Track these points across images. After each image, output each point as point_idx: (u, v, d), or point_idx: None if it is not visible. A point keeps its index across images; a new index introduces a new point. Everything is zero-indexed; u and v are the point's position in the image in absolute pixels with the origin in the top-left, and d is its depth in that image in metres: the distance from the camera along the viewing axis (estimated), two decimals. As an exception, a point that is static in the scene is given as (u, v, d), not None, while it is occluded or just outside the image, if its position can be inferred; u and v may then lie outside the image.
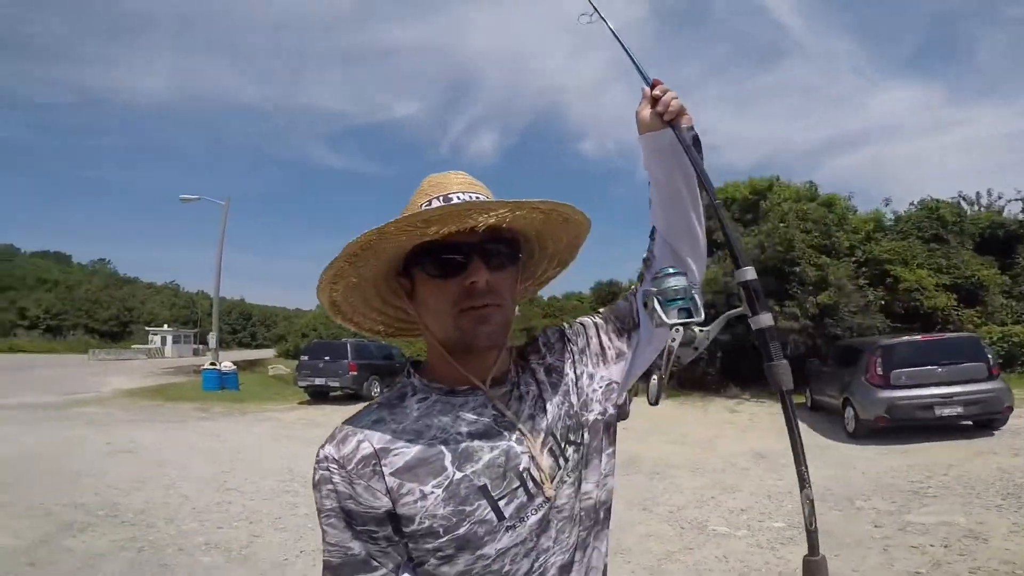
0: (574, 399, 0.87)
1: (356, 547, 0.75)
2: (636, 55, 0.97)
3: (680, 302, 0.78)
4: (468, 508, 0.74)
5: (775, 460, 6.92)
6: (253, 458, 7.58)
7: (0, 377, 18.98)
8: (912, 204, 16.75)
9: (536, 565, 0.77)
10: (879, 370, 7.79)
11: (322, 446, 0.77)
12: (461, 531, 0.74)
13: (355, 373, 14.26)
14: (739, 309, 0.83)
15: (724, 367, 13.79)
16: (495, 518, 0.75)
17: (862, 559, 3.78)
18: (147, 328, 47.80)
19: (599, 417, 0.88)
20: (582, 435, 0.85)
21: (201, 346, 41.61)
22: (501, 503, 0.76)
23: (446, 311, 0.78)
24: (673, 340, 0.79)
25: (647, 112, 0.89)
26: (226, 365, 17.62)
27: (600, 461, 0.87)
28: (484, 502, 0.75)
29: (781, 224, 13.42)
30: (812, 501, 0.79)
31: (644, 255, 0.97)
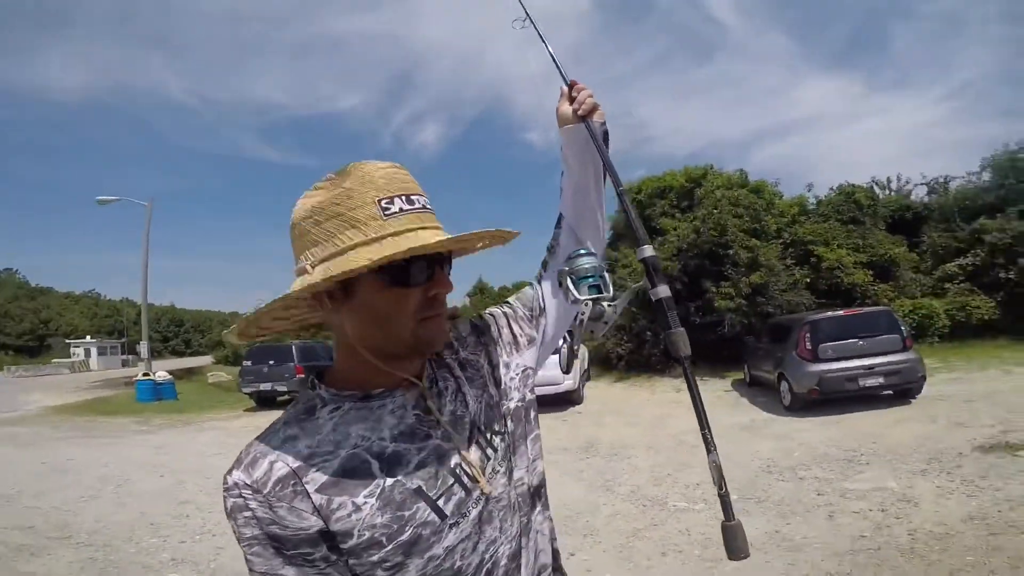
0: (493, 390, 0.89)
1: (291, 573, 0.71)
2: (561, 57, 1.08)
3: (591, 279, 0.85)
4: (407, 513, 0.73)
5: (722, 434, 7.27)
6: (202, 468, 7.32)
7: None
8: (832, 189, 17.99)
9: (487, 557, 0.79)
10: (808, 344, 8.33)
11: (229, 472, 0.72)
12: (405, 536, 0.73)
13: (302, 376, 13.91)
14: (640, 284, 0.89)
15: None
16: (437, 518, 0.75)
17: (811, 525, 4.09)
18: (67, 340, 44.47)
19: (520, 404, 0.91)
20: (505, 423, 0.88)
21: (131, 356, 39.11)
22: (440, 502, 0.76)
23: (405, 319, 0.75)
24: (582, 314, 0.86)
25: (565, 108, 0.98)
26: (161, 375, 16.83)
27: (526, 446, 0.90)
28: (422, 504, 0.74)
29: (715, 210, 14.09)
30: (719, 466, 0.83)
31: (549, 243, 1.04)
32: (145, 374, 16.76)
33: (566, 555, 3.93)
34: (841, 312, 8.96)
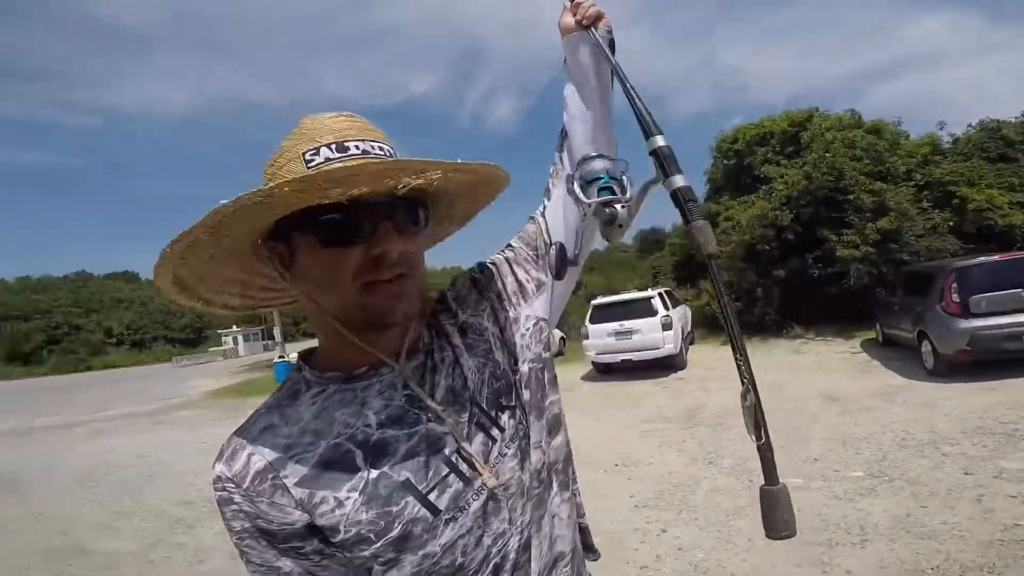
0: (500, 356, 0.78)
1: (286, 565, 0.67)
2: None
3: (601, 181, 0.74)
4: (395, 508, 0.66)
5: (849, 403, 6.67)
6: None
7: (99, 391, 20.71)
8: (970, 126, 15.51)
9: (494, 551, 0.70)
10: (955, 296, 7.13)
11: (214, 463, 0.67)
12: (395, 533, 0.66)
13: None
14: (654, 177, 0.76)
15: (783, 307, 13.33)
16: (429, 514, 0.66)
17: (953, 511, 3.56)
18: (219, 332, 50.68)
19: (532, 366, 0.80)
20: (517, 395, 0.76)
21: (269, 341, 43.71)
22: (431, 496, 0.67)
23: (344, 286, 0.64)
24: (584, 215, 0.75)
25: (567, 18, 0.88)
26: (292, 356, 18.58)
27: (541, 418, 0.79)
28: (411, 499, 0.66)
29: (827, 154, 12.65)
30: (756, 406, 0.67)
31: (550, 168, 0.91)
32: (280, 356, 18.61)
33: (657, 530, 3.85)
34: (996, 257, 7.51)
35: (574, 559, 0.82)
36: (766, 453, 0.70)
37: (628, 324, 10.52)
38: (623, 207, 0.73)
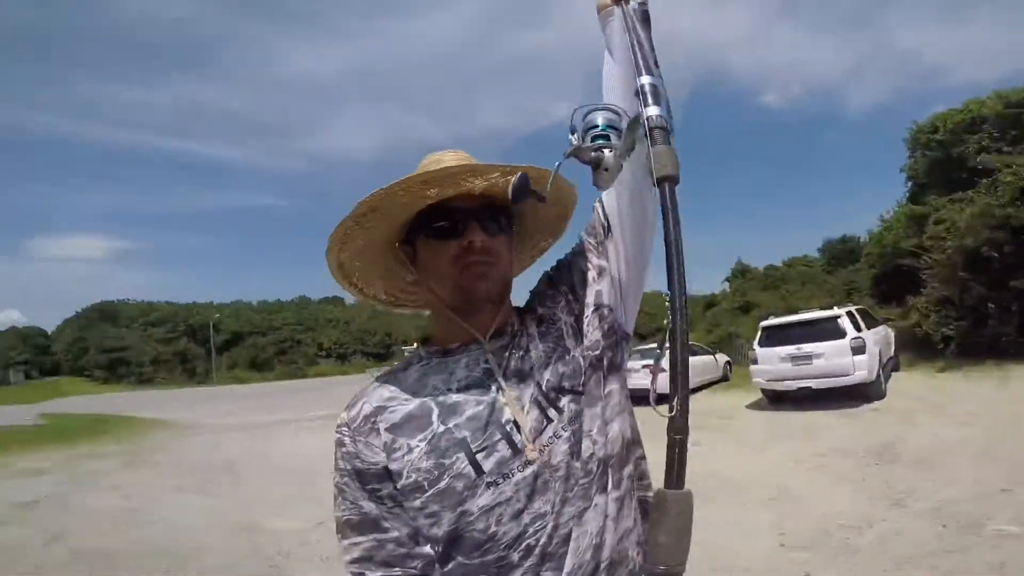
0: (571, 343, 0.84)
1: (368, 506, 0.77)
2: None
3: (597, 130, 0.74)
4: (447, 461, 0.74)
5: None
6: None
7: (310, 395, 24.18)
8: None
9: (529, 532, 0.71)
10: None
11: (341, 413, 0.83)
12: (441, 485, 0.73)
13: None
14: (635, 115, 0.73)
15: (1023, 325, 10.60)
16: (473, 472, 0.73)
17: None
18: (403, 347, 56.74)
19: (587, 353, 0.83)
20: (581, 382, 0.80)
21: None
22: (479, 456, 0.73)
23: (447, 270, 0.81)
24: (567, 155, 0.74)
25: None
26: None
27: (599, 405, 0.80)
28: (462, 455, 0.74)
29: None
30: (682, 363, 0.61)
31: None
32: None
33: (800, 573, 3.29)
34: None
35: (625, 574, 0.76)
36: (675, 437, 0.61)
37: (808, 348, 9.28)
38: (610, 152, 0.73)
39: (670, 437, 0.61)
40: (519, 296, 0.94)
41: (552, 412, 0.77)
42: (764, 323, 10.63)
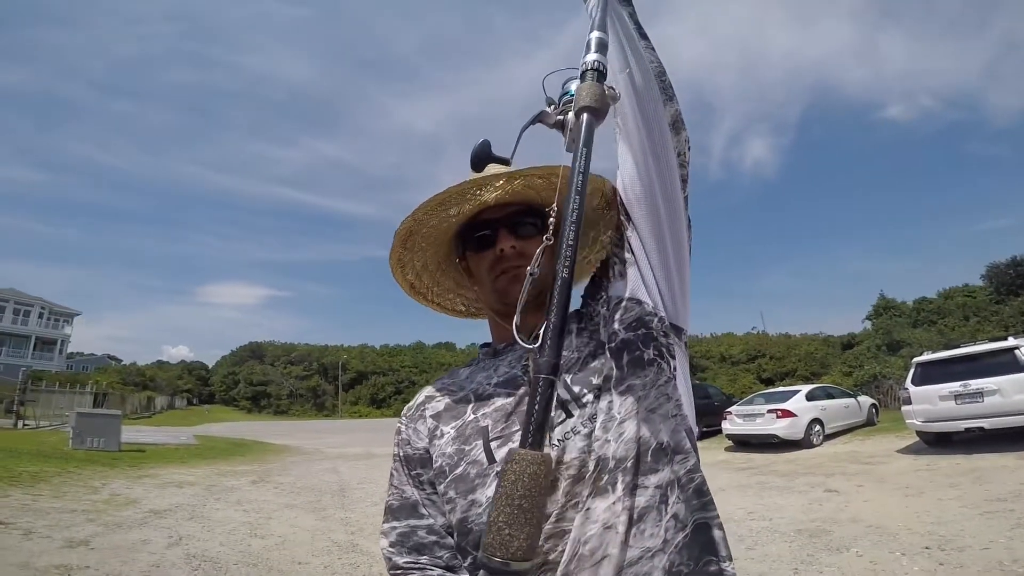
0: (604, 336, 0.81)
1: (409, 492, 0.82)
2: None
3: (568, 96, 0.74)
4: (467, 447, 0.76)
5: None
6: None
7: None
8: None
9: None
10: None
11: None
12: (459, 471, 0.75)
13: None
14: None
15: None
16: (485, 460, 0.74)
17: None
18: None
19: (611, 344, 0.79)
20: (606, 375, 0.76)
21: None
22: (494, 444, 0.74)
23: (486, 277, 0.86)
24: (531, 120, 0.75)
25: None
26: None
27: (612, 400, 0.74)
28: (480, 442, 0.75)
29: None
30: (560, 299, 0.63)
31: None
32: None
33: None
34: None
35: None
36: (536, 377, 0.59)
37: (977, 384, 8.08)
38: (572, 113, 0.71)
39: (532, 377, 0.59)
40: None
41: (573, 407, 0.74)
42: (918, 359, 9.33)
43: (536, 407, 0.58)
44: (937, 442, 8.84)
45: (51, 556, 4.35)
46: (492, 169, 0.83)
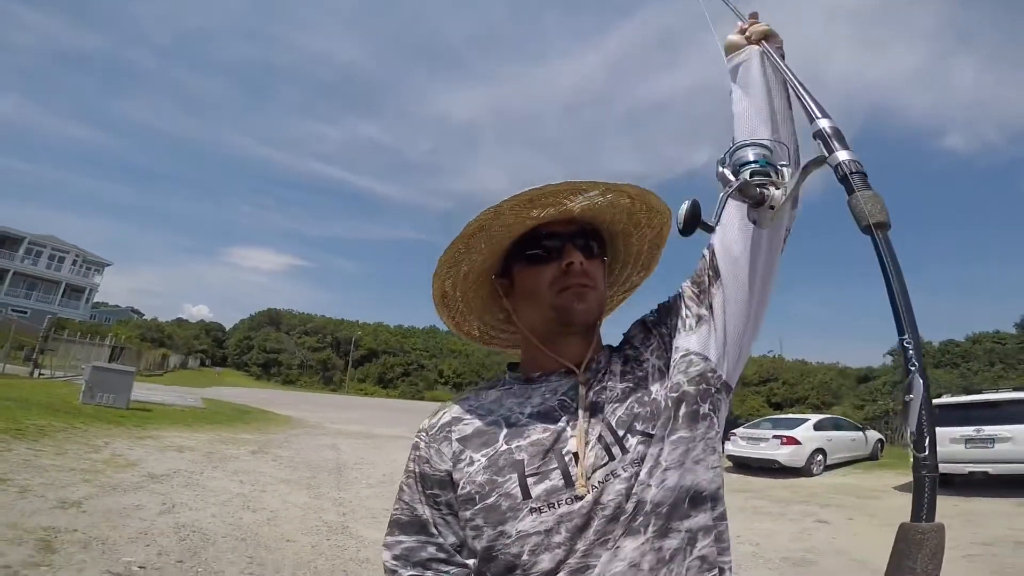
0: (655, 386, 0.81)
1: (421, 509, 0.81)
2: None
3: (755, 165, 0.70)
4: (500, 479, 0.75)
5: None
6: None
7: (423, 418, 25.27)
8: None
9: (561, 567, 0.69)
10: None
11: (423, 420, 0.88)
12: (489, 501, 0.74)
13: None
14: (816, 157, 0.69)
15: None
16: (520, 494, 0.73)
17: None
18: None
19: (671, 395, 0.79)
20: (654, 425, 0.77)
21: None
22: (530, 480, 0.73)
23: (544, 292, 0.82)
24: (729, 187, 0.68)
25: (733, 37, 0.89)
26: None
27: (661, 449, 0.75)
28: (515, 475, 0.74)
29: None
30: (927, 405, 0.57)
31: None
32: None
33: None
34: None
35: None
36: (923, 475, 0.57)
37: (990, 430, 8.14)
38: (778, 189, 0.69)
39: (918, 475, 0.56)
40: (611, 338, 0.93)
41: (616, 450, 0.75)
42: (936, 401, 9.14)
43: (927, 491, 0.56)
44: (942, 483, 8.65)
45: (41, 517, 4.43)
46: (587, 187, 0.79)
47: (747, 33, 0.88)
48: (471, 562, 0.78)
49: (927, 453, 0.55)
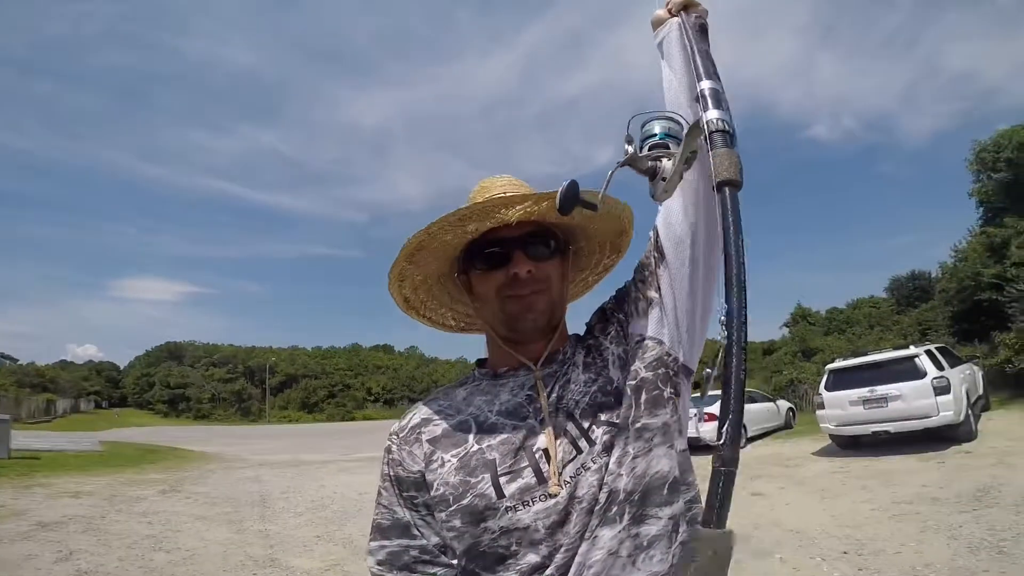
0: (616, 374, 0.81)
1: (401, 512, 0.81)
2: None
3: (655, 139, 0.69)
4: (473, 480, 0.75)
5: None
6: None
7: (355, 438, 24.22)
8: None
9: (548, 562, 0.71)
10: None
11: (394, 423, 0.88)
12: (464, 502, 0.74)
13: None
14: (695, 120, 0.68)
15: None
16: (494, 494, 0.74)
17: None
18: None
19: (630, 383, 0.79)
20: (618, 414, 0.77)
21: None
22: (503, 479, 0.74)
23: (493, 299, 0.82)
24: (620, 163, 0.69)
25: (657, 12, 0.86)
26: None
27: (628, 436, 0.76)
28: (487, 476, 0.75)
29: None
30: (736, 386, 0.55)
31: None
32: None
33: None
34: None
35: None
36: (717, 468, 0.53)
37: (882, 389, 8.66)
38: (668, 160, 0.68)
39: (715, 469, 0.53)
40: (576, 326, 0.92)
41: (583, 443, 0.75)
42: (830, 366, 9.99)
43: (720, 492, 0.54)
44: (848, 445, 9.40)
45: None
46: (506, 188, 0.85)
47: (669, 5, 0.85)
48: (452, 561, 0.79)
49: (723, 441, 0.52)
